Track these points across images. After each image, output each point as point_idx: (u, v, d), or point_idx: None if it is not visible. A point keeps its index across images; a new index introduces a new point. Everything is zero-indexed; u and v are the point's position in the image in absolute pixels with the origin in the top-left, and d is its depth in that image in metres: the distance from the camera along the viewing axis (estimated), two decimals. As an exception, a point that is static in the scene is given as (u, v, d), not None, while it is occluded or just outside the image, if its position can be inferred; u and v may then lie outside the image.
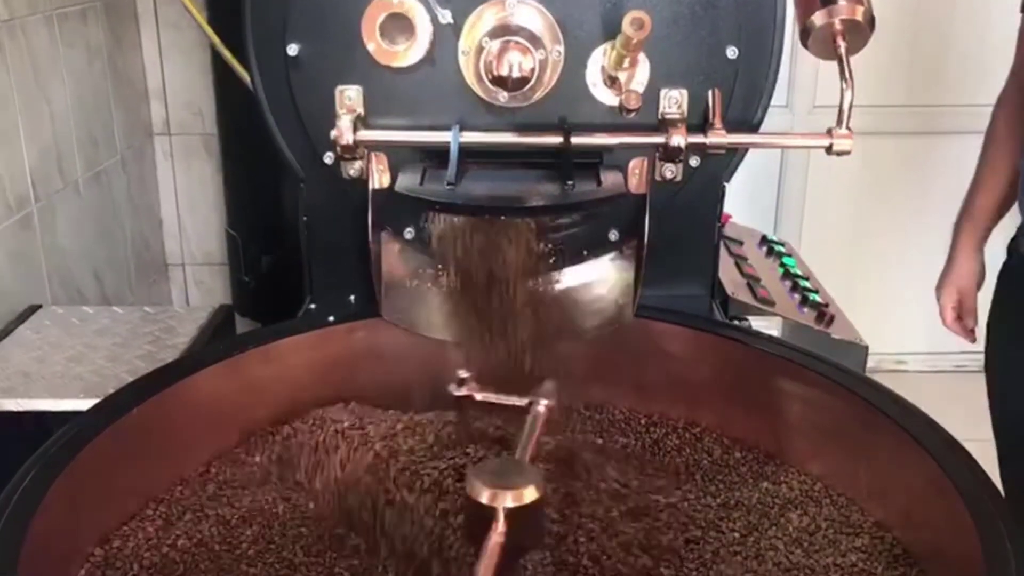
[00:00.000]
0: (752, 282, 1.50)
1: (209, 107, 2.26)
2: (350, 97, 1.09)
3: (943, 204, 2.67)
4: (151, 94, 2.34)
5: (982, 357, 2.78)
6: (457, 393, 1.00)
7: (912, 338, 2.73)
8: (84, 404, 1.25)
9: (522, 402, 0.98)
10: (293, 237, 1.29)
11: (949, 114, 2.57)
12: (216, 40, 1.80)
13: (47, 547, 0.78)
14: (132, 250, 2.24)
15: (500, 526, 0.76)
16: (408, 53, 1.07)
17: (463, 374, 1.00)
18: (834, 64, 1.06)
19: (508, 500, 0.78)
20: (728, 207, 1.20)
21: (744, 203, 1.95)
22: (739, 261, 1.60)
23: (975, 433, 0.92)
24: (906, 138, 2.57)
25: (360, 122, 1.07)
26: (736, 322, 1.32)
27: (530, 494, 0.80)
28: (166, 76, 2.33)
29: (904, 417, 0.93)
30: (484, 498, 0.78)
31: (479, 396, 1.00)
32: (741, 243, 1.72)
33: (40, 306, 1.61)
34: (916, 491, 0.89)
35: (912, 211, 2.67)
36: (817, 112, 2.52)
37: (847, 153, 1.05)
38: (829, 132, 1.05)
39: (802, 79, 2.49)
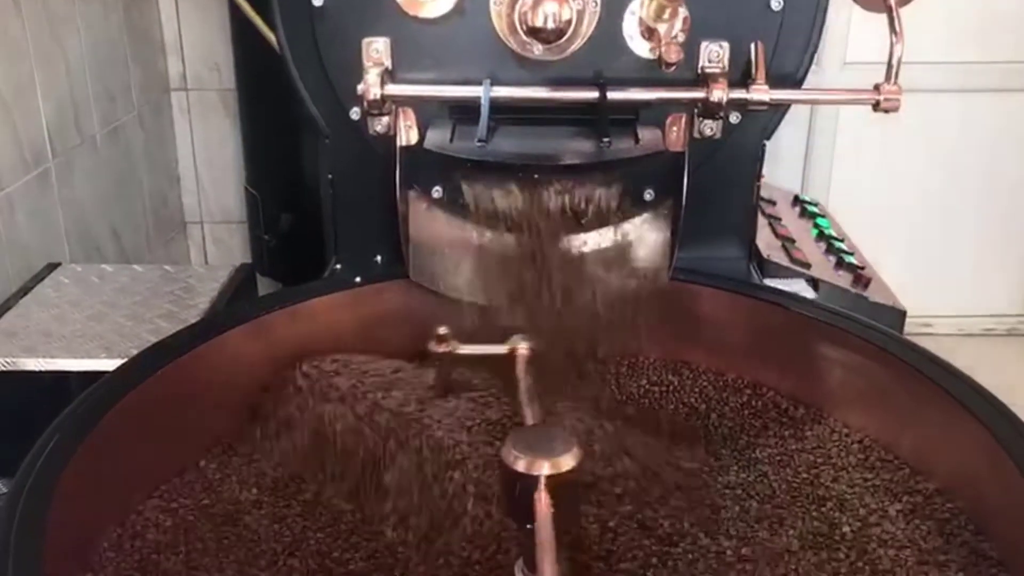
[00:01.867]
0: (787, 243, 1.46)
1: (227, 61, 2.22)
2: (377, 50, 1.05)
3: (973, 164, 2.63)
4: (167, 48, 2.30)
5: (1009, 321, 2.77)
6: (438, 350, 0.95)
7: (940, 301, 2.69)
8: (105, 364, 1.24)
9: (503, 349, 0.95)
10: (313, 195, 1.26)
11: (983, 71, 2.51)
12: (235, -8, 1.75)
13: (72, 512, 0.77)
14: (150, 207, 2.22)
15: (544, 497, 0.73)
16: (438, 3, 1.03)
17: (442, 330, 0.95)
18: (865, 19, 1.02)
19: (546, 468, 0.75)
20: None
21: (769, 161, 1.90)
22: (773, 222, 1.56)
23: (1008, 398, 0.89)
24: (937, 96, 2.51)
25: (388, 76, 1.03)
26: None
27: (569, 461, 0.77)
28: (183, 30, 2.28)
29: (952, 383, 0.90)
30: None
31: (463, 350, 0.95)
32: (774, 203, 1.68)
33: (59, 264, 1.59)
34: (965, 458, 0.86)
35: (941, 172, 2.61)
36: (848, 69, 2.45)
37: (896, 110, 1.01)
38: (877, 88, 1.01)
39: (833, 35, 2.43)
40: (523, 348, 0.94)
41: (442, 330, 0.94)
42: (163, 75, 2.30)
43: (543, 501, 0.68)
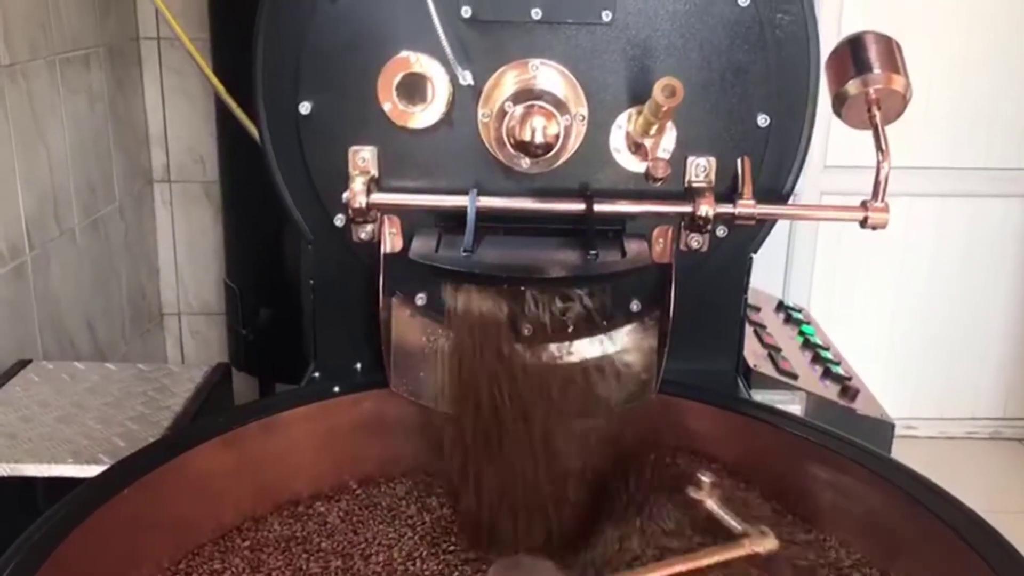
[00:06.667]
0: (773, 352, 1.44)
1: (211, 154, 2.22)
2: (364, 158, 1.04)
3: (952, 267, 2.65)
4: (152, 140, 2.30)
5: (992, 424, 2.75)
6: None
7: (923, 404, 2.68)
8: (72, 470, 1.20)
9: None
10: (293, 291, 1.24)
11: (959, 177, 2.55)
12: (222, 90, 1.75)
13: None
14: (127, 299, 2.18)
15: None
16: (425, 114, 1.02)
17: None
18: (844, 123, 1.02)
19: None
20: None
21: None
22: (758, 329, 1.55)
23: (993, 503, 0.86)
24: (916, 200, 2.54)
25: (374, 184, 1.02)
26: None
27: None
28: (168, 122, 2.29)
29: (948, 512, 0.87)
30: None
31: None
32: (758, 309, 1.67)
33: (30, 360, 1.55)
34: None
35: (922, 274, 2.63)
36: (828, 172, 2.49)
37: (883, 227, 1.01)
38: (864, 205, 1.01)
39: (813, 139, 2.46)
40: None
41: None
42: (146, 166, 2.30)
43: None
